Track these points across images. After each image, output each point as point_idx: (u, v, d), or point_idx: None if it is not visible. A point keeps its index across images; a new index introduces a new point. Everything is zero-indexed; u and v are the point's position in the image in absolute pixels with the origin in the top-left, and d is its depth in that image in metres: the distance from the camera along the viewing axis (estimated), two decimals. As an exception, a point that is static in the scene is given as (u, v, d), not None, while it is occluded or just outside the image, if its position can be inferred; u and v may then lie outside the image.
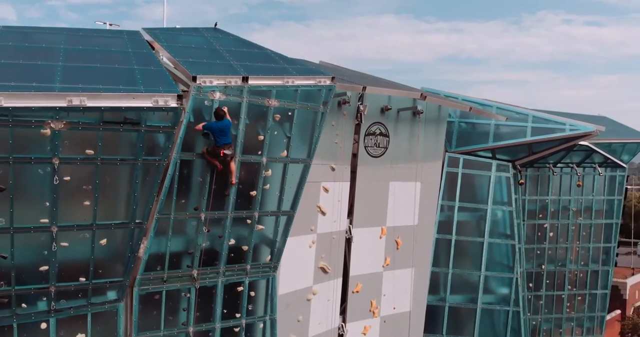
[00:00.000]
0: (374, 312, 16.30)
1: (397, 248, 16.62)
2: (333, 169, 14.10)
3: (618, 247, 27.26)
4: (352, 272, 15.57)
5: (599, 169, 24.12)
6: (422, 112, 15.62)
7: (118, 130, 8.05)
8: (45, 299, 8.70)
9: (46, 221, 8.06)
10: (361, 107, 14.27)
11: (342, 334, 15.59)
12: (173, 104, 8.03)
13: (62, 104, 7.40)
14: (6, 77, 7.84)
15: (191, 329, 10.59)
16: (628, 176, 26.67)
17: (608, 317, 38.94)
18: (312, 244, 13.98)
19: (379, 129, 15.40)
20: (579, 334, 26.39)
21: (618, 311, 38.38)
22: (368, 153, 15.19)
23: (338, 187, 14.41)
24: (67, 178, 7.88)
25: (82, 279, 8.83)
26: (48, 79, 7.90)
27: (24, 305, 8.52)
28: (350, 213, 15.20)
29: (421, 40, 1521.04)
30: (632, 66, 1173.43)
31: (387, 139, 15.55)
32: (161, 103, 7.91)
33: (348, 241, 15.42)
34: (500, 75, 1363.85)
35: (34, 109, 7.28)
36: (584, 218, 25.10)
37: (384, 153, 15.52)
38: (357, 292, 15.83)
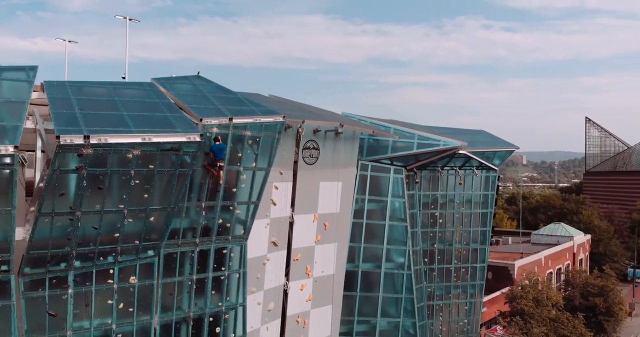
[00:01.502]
0: (308, 274, 22.88)
1: (325, 229, 23.27)
2: (281, 173, 20.49)
3: (493, 231, 35.51)
4: (294, 245, 22.06)
5: (475, 171, 32.18)
6: (341, 133, 22.36)
7: (167, 154, 13.99)
8: (113, 254, 14.54)
9: (122, 206, 13.93)
10: (300, 130, 20.80)
11: (286, 289, 22.08)
12: (198, 139, 14.10)
13: (138, 140, 13.27)
14: (96, 123, 13.56)
15: (194, 276, 16.67)
16: (499, 176, 35.06)
17: (499, 292, 48.09)
18: (267, 225, 20.31)
19: (312, 144, 21.95)
20: (464, 298, 34.36)
21: (508, 288, 47.29)
22: (305, 161, 21.71)
23: (285, 186, 20.85)
24: (137, 181, 13.74)
25: (136, 241, 14.75)
26: (125, 124, 13.71)
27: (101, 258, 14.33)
28: (292, 204, 21.67)
29: (349, 42, 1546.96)
30: (543, 71, 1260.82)
31: (318, 151, 22.13)
32: (192, 139, 13.95)
33: (291, 224, 21.88)
34: (424, 78, 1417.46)
35: (124, 144, 13.12)
36: (466, 208, 33.04)
37: (316, 161, 22.09)
38: (297, 260, 22.34)
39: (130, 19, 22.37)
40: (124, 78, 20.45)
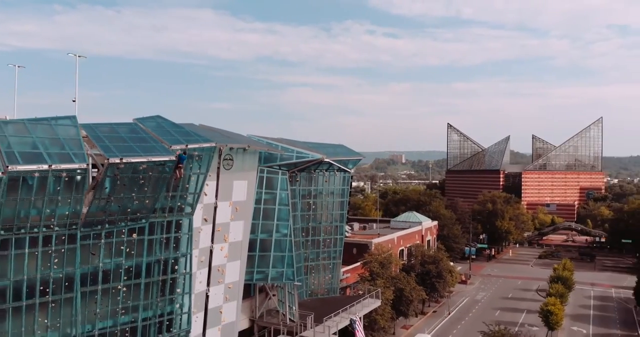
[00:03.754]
0: (225, 240, 35.54)
1: (236, 211, 36.07)
2: (210, 176, 33.04)
3: (347, 213, 50.57)
4: (217, 221, 34.56)
5: (335, 172, 46.92)
6: (248, 149, 35.35)
7: (158, 167, 26.09)
8: (126, 221, 26.44)
9: (134, 194, 25.85)
10: (222, 149, 33.47)
11: (212, 249, 34.56)
12: (174, 158, 26.35)
13: (145, 160, 25.25)
14: (121, 150, 25.34)
15: (164, 236, 28.82)
16: (352, 176, 50.27)
17: (359, 263, 63.77)
18: (201, 208, 32.69)
19: (229, 157, 34.62)
20: (329, 260, 49.03)
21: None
22: (224, 168, 34.36)
23: (212, 183, 33.40)
24: (142, 181, 25.71)
25: (138, 214, 26.75)
26: (135, 151, 25.59)
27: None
28: (216, 195, 34.18)
29: (238, 38, 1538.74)
30: (422, 75, 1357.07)
31: (233, 161, 34.87)
32: (170, 158, 26.17)
33: (215, 208, 34.43)
34: (313, 79, 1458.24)
35: (137, 162, 25.08)
36: (330, 198, 47.67)
37: (231, 168, 34.83)
38: (219, 231, 34.85)
39: (79, 56, 33.44)
40: (74, 101, 31.65)
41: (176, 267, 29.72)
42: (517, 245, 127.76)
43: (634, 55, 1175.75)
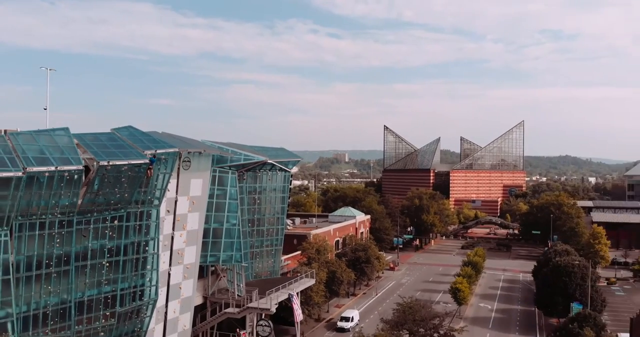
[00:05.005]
0: (184, 228, 42.87)
1: (193, 204, 43.55)
2: (172, 175, 40.38)
3: (288, 207, 58.98)
4: (177, 212, 41.96)
5: (277, 172, 55.16)
6: (203, 153, 42.88)
7: (136, 168, 33.23)
8: (109, 210, 33.60)
9: (117, 189, 33.00)
10: (182, 152, 40.86)
11: (173, 235, 41.88)
12: (147, 161, 33.66)
13: (126, 163, 32.42)
14: (107, 155, 32.41)
15: (137, 223, 36.05)
16: (292, 175, 58.67)
17: (298, 252, 72.32)
18: (164, 201, 40.01)
19: (187, 159, 42.05)
20: (271, 247, 57.20)
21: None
22: (183, 168, 41.77)
23: (173, 181, 40.79)
24: (124, 179, 32.85)
25: (118, 205, 33.93)
26: (118, 156, 32.67)
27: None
28: (177, 191, 41.56)
29: (180, 34, 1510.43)
30: (365, 76, 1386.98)
31: (190, 163, 42.32)
32: (145, 161, 33.43)
33: (175, 201, 41.75)
34: (257, 76, 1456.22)
35: (120, 164, 32.22)
36: (273, 194, 55.90)
37: (189, 168, 42.28)
38: (178, 220, 42.31)
39: (50, 69, 40.03)
40: (45, 109, 38.42)
41: (146, 248, 36.97)
42: (444, 237, 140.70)
43: (565, 59, 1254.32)
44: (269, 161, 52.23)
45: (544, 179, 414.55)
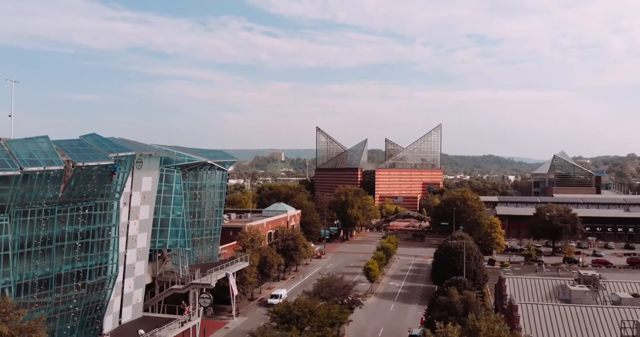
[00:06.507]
0: (137, 218, 51.82)
1: (144, 198, 52.53)
2: (128, 173, 49.26)
3: (225, 201, 68.79)
4: (131, 205, 50.87)
5: (215, 171, 64.85)
6: (152, 155, 51.94)
7: (104, 168, 42.02)
8: (82, 201, 42.40)
9: (89, 186, 41.73)
10: (136, 155, 49.83)
11: (128, 224, 50.75)
12: (113, 162, 42.58)
13: (96, 163, 41.25)
14: (81, 158, 41.10)
15: (104, 211, 44.89)
16: (228, 173, 68.50)
17: (234, 242, 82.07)
18: (122, 195, 48.88)
19: (140, 159, 51.02)
20: (210, 235, 66.66)
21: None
22: (136, 168, 50.69)
23: (129, 179, 49.74)
24: (94, 177, 41.60)
25: (89, 197, 42.77)
26: (89, 158, 41.35)
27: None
28: (131, 186, 50.46)
29: (108, 27, 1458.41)
30: (300, 75, 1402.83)
31: (142, 163, 51.31)
32: (111, 162, 42.31)
33: (130, 196, 50.63)
34: (190, 72, 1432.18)
35: (92, 165, 40.99)
36: (212, 189, 65.54)
37: (141, 167, 51.24)
38: (132, 211, 51.21)
39: (14, 81, 48.13)
40: (10, 116, 46.67)
41: (109, 232, 45.80)
42: (368, 230, 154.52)
43: (490, 63, 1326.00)
44: (208, 162, 61.89)
45: (468, 177, 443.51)
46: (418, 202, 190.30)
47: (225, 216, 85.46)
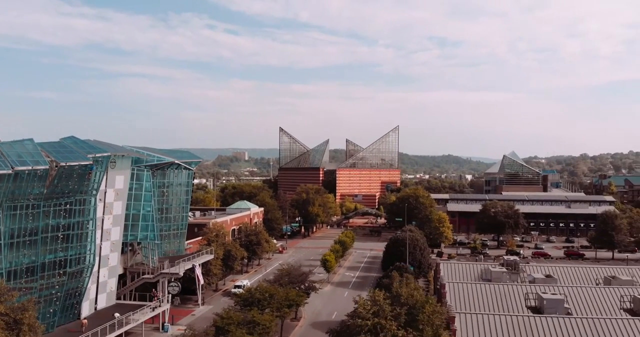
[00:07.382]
0: (111, 213, 56.98)
1: (117, 195, 57.65)
2: (103, 172, 54.40)
3: (191, 199, 74.31)
4: (106, 201, 55.97)
5: (182, 170, 70.32)
6: (125, 156, 57.15)
7: (85, 167, 47.14)
8: (64, 196, 47.48)
9: (70, 183, 46.82)
10: (111, 157, 55.00)
11: (103, 218, 55.80)
12: (92, 162, 47.77)
13: (77, 163, 46.34)
14: (64, 158, 46.17)
15: (84, 207, 49.99)
16: (194, 172, 73.99)
17: (200, 237, 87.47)
18: (98, 193, 53.98)
19: (114, 160, 56.13)
20: (177, 230, 72.07)
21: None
22: (111, 167, 55.80)
23: (104, 177, 54.88)
24: (74, 175, 46.73)
25: (70, 194, 47.83)
26: (71, 159, 46.45)
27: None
28: (106, 184, 55.58)
29: (65, 23, 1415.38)
30: (263, 74, 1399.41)
31: (115, 163, 56.44)
32: (90, 162, 47.51)
33: (105, 192, 55.72)
34: (149, 70, 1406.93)
35: (74, 165, 46.10)
36: (178, 188, 70.93)
37: (115, 167, 56.37)
38: (106, 207, 56.32)
39: None
40: None
41: (87, 226, 50.94)
42: (329, 226, 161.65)
43: (450, 65, 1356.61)
44: (175, 162, 67.36)
45: (427, 176, 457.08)
46: (377, 200, 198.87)
47: (190, 213, 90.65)
